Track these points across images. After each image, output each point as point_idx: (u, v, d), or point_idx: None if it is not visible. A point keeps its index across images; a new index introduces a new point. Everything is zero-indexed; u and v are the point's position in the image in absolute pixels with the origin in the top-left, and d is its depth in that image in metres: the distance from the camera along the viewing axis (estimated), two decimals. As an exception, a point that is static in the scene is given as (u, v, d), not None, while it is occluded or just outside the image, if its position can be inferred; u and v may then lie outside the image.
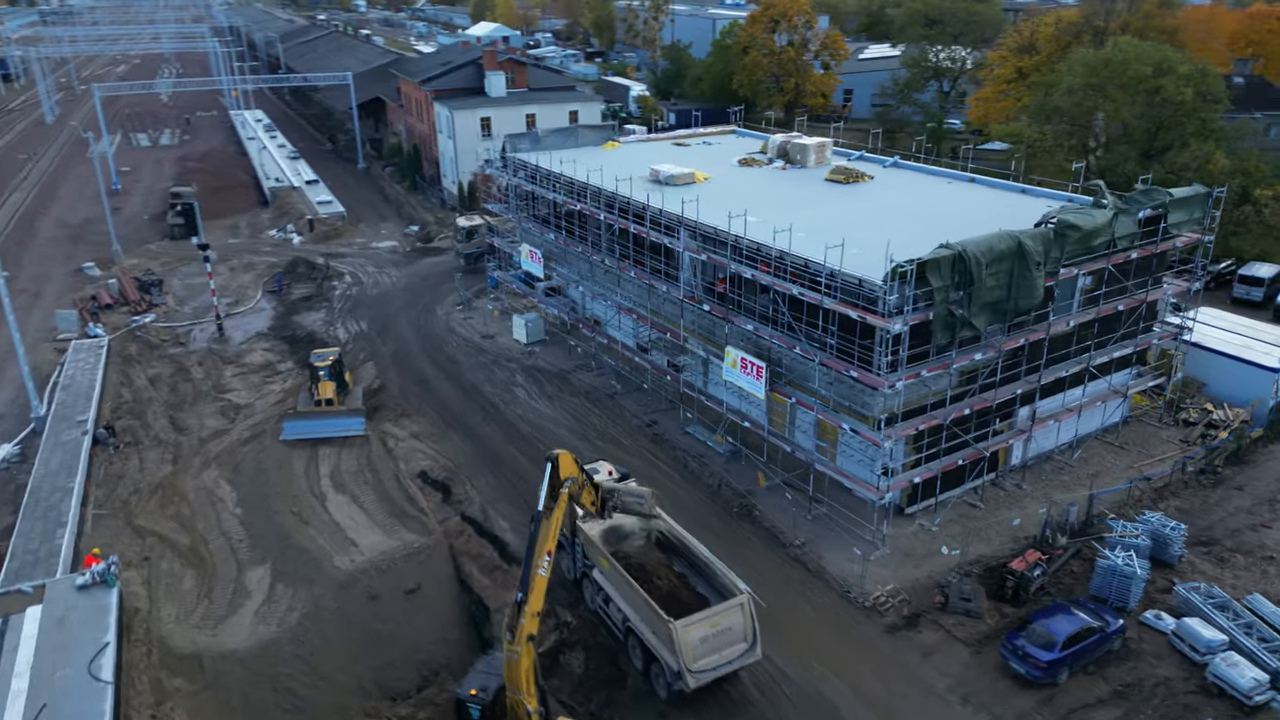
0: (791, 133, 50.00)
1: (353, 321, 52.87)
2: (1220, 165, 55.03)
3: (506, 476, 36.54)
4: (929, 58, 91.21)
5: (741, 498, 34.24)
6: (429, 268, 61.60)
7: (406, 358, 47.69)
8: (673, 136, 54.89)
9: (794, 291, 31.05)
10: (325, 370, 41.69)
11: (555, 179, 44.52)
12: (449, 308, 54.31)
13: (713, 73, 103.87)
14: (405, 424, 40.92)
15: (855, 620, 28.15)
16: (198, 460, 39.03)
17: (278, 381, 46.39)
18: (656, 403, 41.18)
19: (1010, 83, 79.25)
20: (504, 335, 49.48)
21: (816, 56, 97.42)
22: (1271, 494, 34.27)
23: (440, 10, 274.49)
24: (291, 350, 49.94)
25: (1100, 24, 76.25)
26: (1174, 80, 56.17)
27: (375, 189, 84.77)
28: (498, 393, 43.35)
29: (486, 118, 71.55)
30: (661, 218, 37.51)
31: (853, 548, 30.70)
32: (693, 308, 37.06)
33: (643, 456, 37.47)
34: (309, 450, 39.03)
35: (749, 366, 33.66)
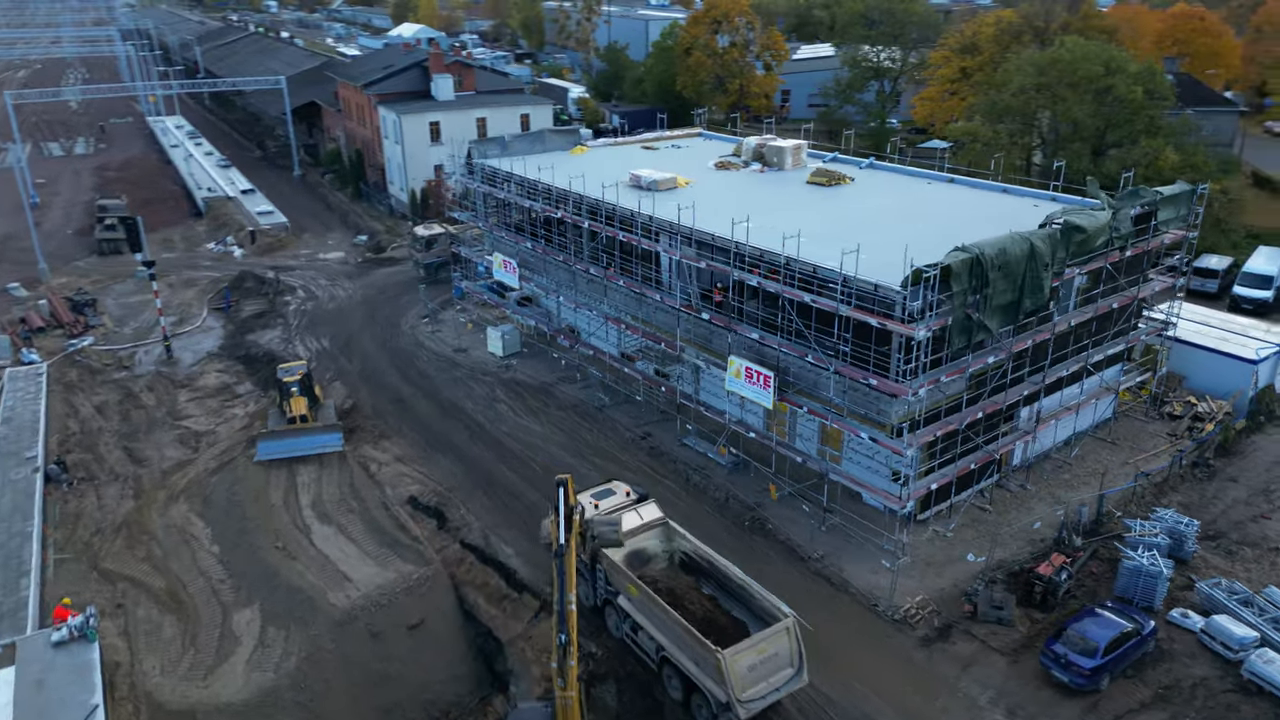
0: (766, 135, 49.41)
1: (312, 338, 50.36)
2: (1170, 161, 56.43)
3: (502, 498, 34.96)
4: (870, 58, 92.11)
5: (751, 510, 33.37)
6: (385, 279, 59.24)
7: (377, 375, 45.54)
8: (639, 140, 53.83)
9: (806, 299, 30.28)
10: (295, 385, 39.62)
11: (532, 186, 42.99)
12: (413, 320, 52.21)
13: (654, 74, 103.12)
14: (386, 446, 38.92)
15: (887, 634, 27.51)
16: (162, 494, 36.42)
17: (239, 405, 43.78)
18: (647, 414, 40.06)
19: (954, 82, 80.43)
20: (477, 348, 47.69)
21: (758, 57, 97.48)
22: (1264, 484, 34.92)
23: (358, 11, 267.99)
24: (249, 371, 47.31)
25: (1040, 24, 77.92)
26: (1124, 79, 57.54)
27: (315, 197, 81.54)
28: (480, 409, 41.63)
29: (435, 122, 69.30)
30: (653, 224, 36.44)
31: (877, 559, 30.13)
32: (689, 316, 36.04)
33: (642, 472, 36.29)
34: (286, 479, 36.77)
35: (755, 376, 32.78)
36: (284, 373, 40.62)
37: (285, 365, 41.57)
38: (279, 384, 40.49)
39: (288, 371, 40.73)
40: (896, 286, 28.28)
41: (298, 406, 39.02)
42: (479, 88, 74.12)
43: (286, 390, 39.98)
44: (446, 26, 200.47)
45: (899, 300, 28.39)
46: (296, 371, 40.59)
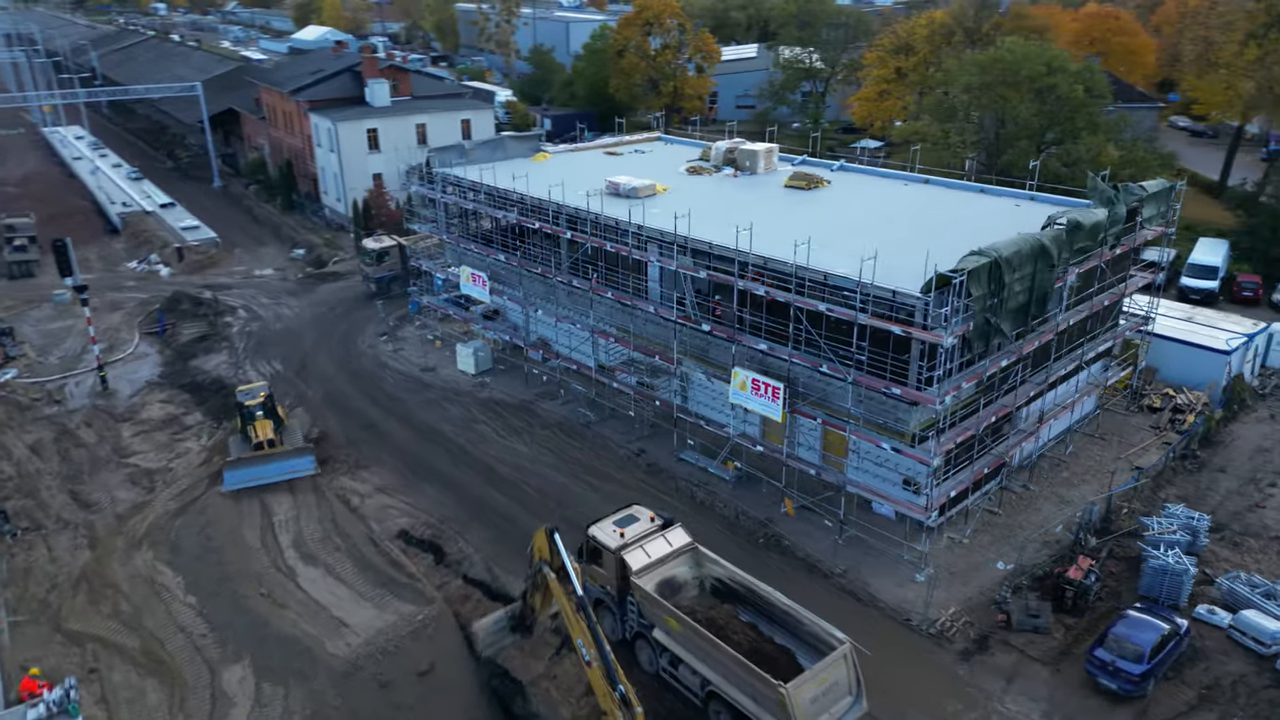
0: (735, 139, 48.60)
1: (263, 362, 47.32)
2: (1111, 157, 57.93)
3: (501, 527, 33.14)
4: (802, 60, 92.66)
5: (763, 526, 32.41)
6: (332, 295, 56.30)
7: (341, 400, 42.97)
8: (600, 145, 52.37)
9: (821, 308, 29.45)
10: (258, 408, 37.11)
11: (504, 195, 41.17)
12: (371, 339, 49.62)
13: (586, 77, 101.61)
14: (365, 477, 36.58)
15: (926, 650, 26.86)
16: (121, 541, 33.38)
17: (190, 438, 40.67)
18: (636, 429, 38.66)
19: (889, 82, 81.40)
20: (446, 367, 45.52)
21: (690, 59, 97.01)
22: (1251, 473, 35.72)
23: (256, 13, 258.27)
24: (197, 400, 44.09)
25: (971, 25, 79.47)
26: (1066, 78, 58.84)
27: (240, 210, 77.35)
28: (459, 432, 39.59)
29: (373, 129, 66.42)
30: (642, 234, 35.15)
31: (900, 570, 29.60)
32: (686, 328, 34.87)
33: (641, 490, 34.94)
34: (261, 517, 34.14)
35: (763, 388, 31.82)
36: (244, 396, 38.10)
37: (245, 388, 38.99)
38: (239, 408, 37.93)
39: (248, 394, 38.18)
40: (917, 292, 27.75)
41: (263, 430, 36.53)
42: (415, 92, 71.41)
43: (249, 414, 37.47)
44: (353, 28, 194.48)
45: (920, 306, 27.87)
46: (258, 394, 38.05)
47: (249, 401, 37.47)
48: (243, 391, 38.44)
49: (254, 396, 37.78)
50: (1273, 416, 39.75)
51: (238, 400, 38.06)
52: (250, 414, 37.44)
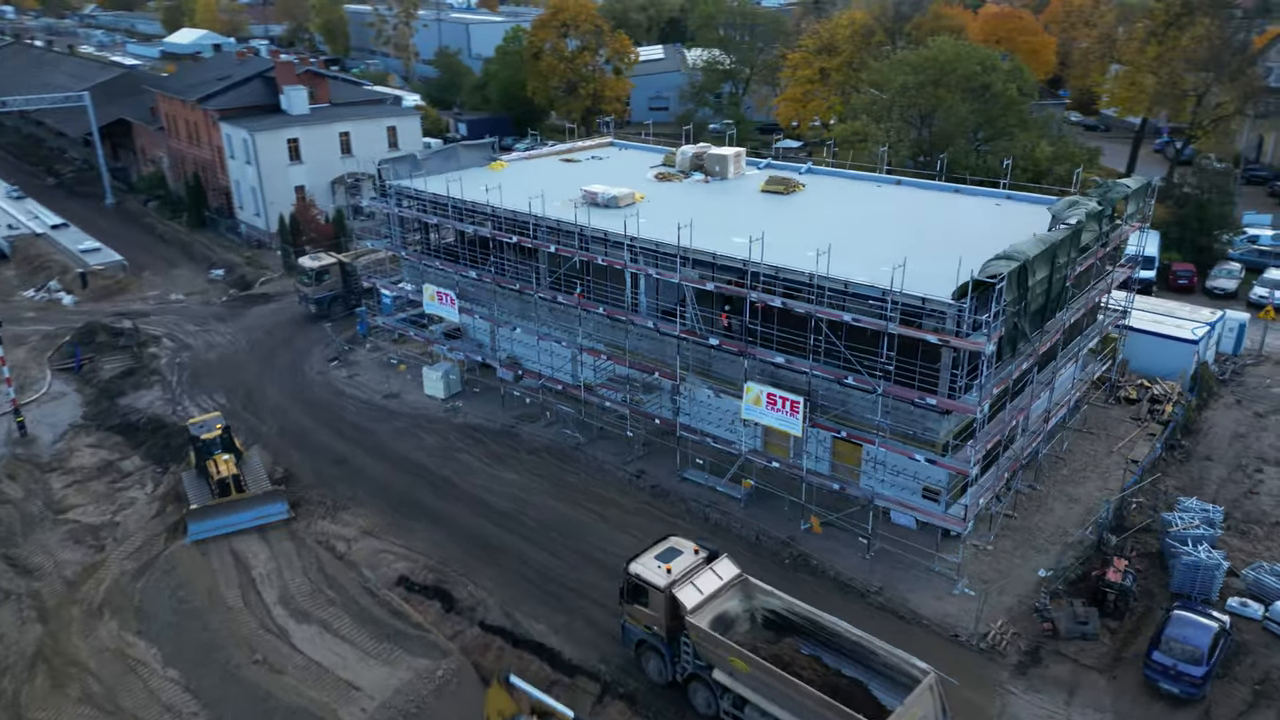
0: (701, 144, 47.40)
1: (204, 396, 43.40)
2: (1045, 153, 59.51)
3: (509, 565, 30.93)
4: (721, 62, 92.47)
5: (786, 545, 31.24)
6: (266, 319, 52.36)
7: (301, 434, 39.69)
8: (554, 153, 50.28)
9: (847, 319, 28.47)
10: (215, 442, 33.86)
11: (476, 209, 38.78)
12: (319, 365, 46.21)
13: (500, 79, 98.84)
14: (346, 519, 33.67)
15: (979, 666, 26.15)
16: (77, 611, 29.70)
17: (133, 486, 36.83)
18: (629, 449, 36.90)
19: (813, 83, 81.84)
20: (411, 392, 42.69)
21: (608, 61, 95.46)
22: (1235, 459, 36.67)
23: (119, 16, 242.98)
24: (132, 442, 40.07)
25: (890, 25, 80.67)
26: (1000, 76, 60.06)
27: (141, 229, 71.56)
28: (441, 463, 37.02)
29: (294, 139, 62.37)
30: (636, 246, 33.52)
31: (935, 583, 28.92)
32: (690, 343, 33.41)
33: (650, 515, 33.31)
34: (238, 573, 30.91)
35: (779, 402, 30.65)
36: (198, 429, 34.79)
37: (197, 421, 35.63)
38: (193, 443, 34.59)
39: (202, 428, 34.87)
40: (949, 298, 27.10)
41: (224, 467, 33.30)
42: (334, 99, 67.53)
43: (206, 449, 34.12)
44: (230, 31, 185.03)
45: (952, 313, 27.23)
46: (214, 427, 34.71)
47: (204, 435, 34.14)
48: (196, 425, 35.08)
49: (209, 430, 34.49)
50: (1239, 401, 41.08)
51: (191, 435, 34.66)
52: (207, 449, 34.11)
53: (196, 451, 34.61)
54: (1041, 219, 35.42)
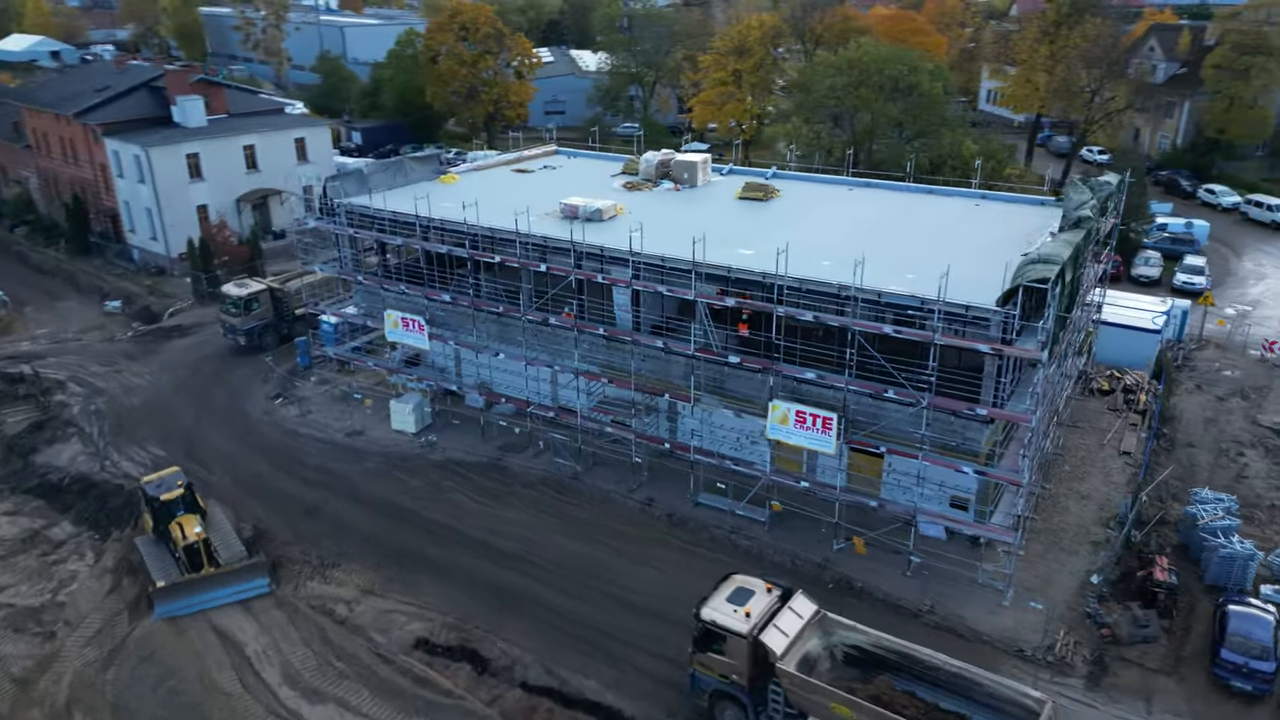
0: (663, 150, 45.68)
1: (135, 447, 38.60)
2: (971, 151, 60.80)
3: (537, 614, 28.42)
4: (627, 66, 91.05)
5: (823, 568, 29.98)
6: (186, 355, 47.34)
7: (261, 484, 35.72)
8: (503, 163, 47.41)
9: (888, 330, 27.43)
10: (178, 502, 29.93)
11: (447, 228, 35.87)
12: (262, 403, 41.99)
13: (395, 85, 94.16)
14: (339, 577, 30.29)
15: (1053, 681, 25.55)
16: (39, 715, 25.41)
17: (71, 559, 32.25)
18: (630, 474, 34.85)
19: (727, 85, 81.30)
20: (375, 427, 39.19)
21: (509, 65, 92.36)
22: (1216, 444, 37.82)
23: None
24: (58, 507, 35.29)
25: (799, 27, 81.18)
26: (926, 77, 61.04)
27: (11, 259, 63.91)
28: (429, 505, 33.98)
29: (194, 154, 56.99)
30: (640, 261, 31.58)
31: (981, 595, 28.31)
32: (705, 361, 31.73)
33: (670, 546, 31.46)
34: (225, 653, 27.23)
35: (811, 420, 29.35)
36: (155, 488, 30.62)
37: (153, 479, 31.35)
38: (150, 504, 30.37)
39: (161, 486, 30.73)
40: (992, 306, 26.50)
41: (190, 530, 29.37)
42: (231, 109, 62.19)
43: (167, 511, 30.02)
44: (67, 36, 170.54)
45: (996, 320, 26.63)
46: (175, 484, 30.62)
47: (165, 495, 29.99)
48: (152, 484, 30.80)
49: (169, 488, 30.35)
50: (1199, 386, 42.60)
51: (147, 495, 30.40)
52: (168, 511, 30.00)
53: (154, 513, 30.43)
54: (1019, 218, 35.97)
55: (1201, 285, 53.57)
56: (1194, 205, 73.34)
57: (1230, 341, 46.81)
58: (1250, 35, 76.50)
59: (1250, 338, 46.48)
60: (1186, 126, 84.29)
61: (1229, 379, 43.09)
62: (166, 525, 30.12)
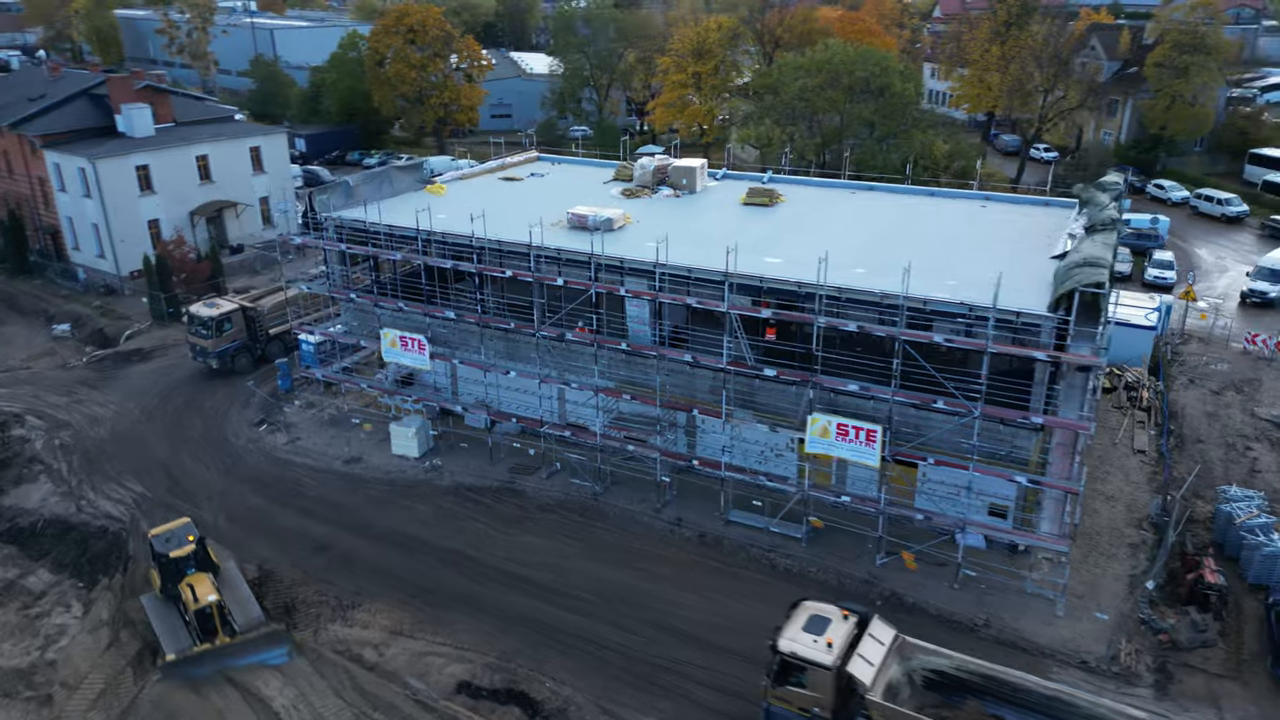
0: (657, 156, 44.43)
1: (112, 484, 35.78)
2: (941, 150, 61.26)
3: (583, 649, 26.91)
4: (583, 68, 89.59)
5: (870, 584, 29.14)
6: (152, 381, 44.30)
7: (259, 520, 33.35)
8: (487, 171, 45.56)
9: (938, 340, 26.74)
10: (189, 560, 27.51)
11: (450, 241, 34.07)
12: (245, 430, 39.42)
13: (338, 89, 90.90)
14: (362, 619, 28.28)
15: (1121, 692, 25.14)
16: (44, 793, 22.99)
17: (57, 610, 29.68)
18: (651, 491, 33.56)
19: (686, 87, 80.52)
20: (374, 453, 37.06)
21: (458, 68, 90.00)
22: (1222, 438, 38.21)
23: None
24: (31, 553, 32.58)
25: (758, 27, 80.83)
26: (898, 78, 61.13)
27: (-62, 280, 59.48)
28: (446, 535, 32.11)
29: (144, 166, 53.66)
30: (665, 273, 30.38)
31: (1034, 606, 27.82)
32: (735, 374, 30.64)
33: (708, 569, 30.24)
34: (251, 710, 25.15)
35: (852, 433, 28.53)
36: (164, 544, 28.01)
37: (161, 532, 28.64)
38: (159, 560, 27.81)
39: (170, 541, 28.13)
40: (1044, 311, 26.09)
41: (202, 590, 26.88)
42: (179, 117, 58.85)
43: (175, 568, 27.56)
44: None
45: (1047, 326, 26.20)
46: (185, 538, 28.09)
47: (175, 552, 27.46)
48: (160, 538, 28.17)
49: (179, 543, 27.80)
50: (1192, 381, 43.20)
51: (156, 551, 27.83)
52: (178, 569, 27.50)
53: (162, 570, 27.75)
54: (1028, 219, 35.98)
55: (1172, 279, 54.69)
56: (1144, 200, 75.15)
57: (1211, 335, 47.69)
58: (1189, 35, 78.90)
59: (1233, 331, 47.40)
60: (1130, 124, 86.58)
61: (1219, 373, 43.79)
62: (176, 585, 27.51)
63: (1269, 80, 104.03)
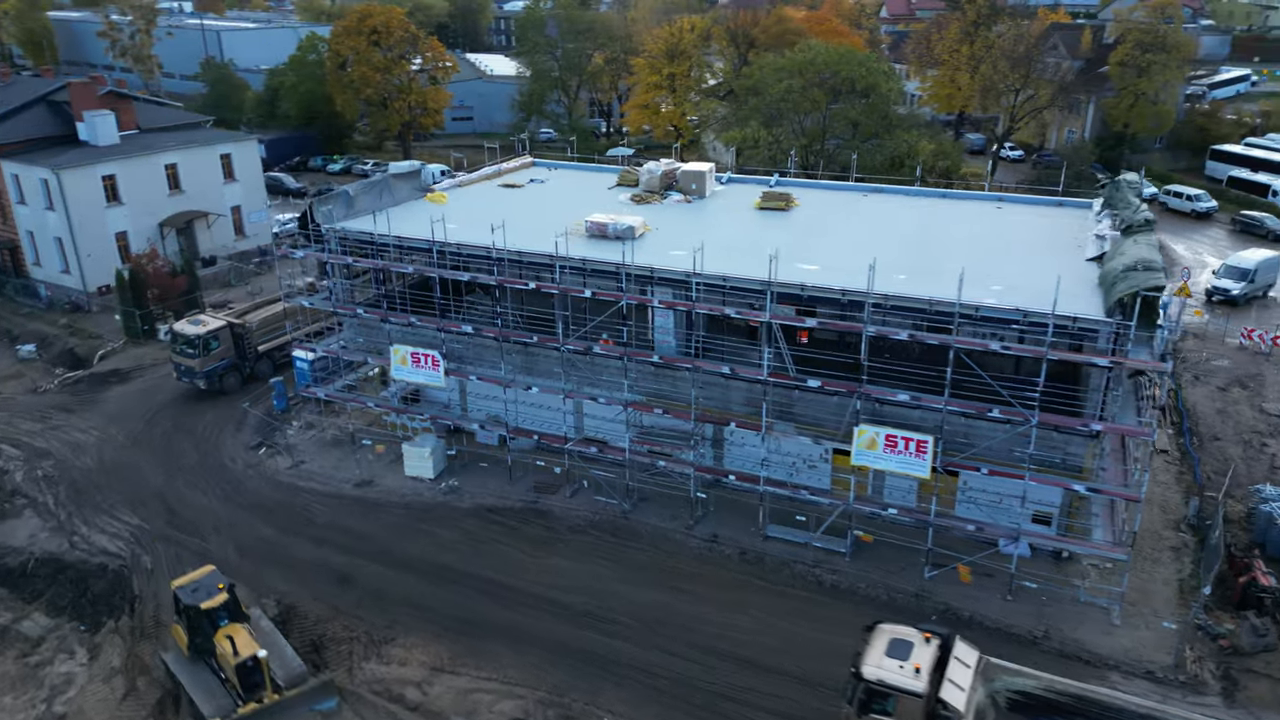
0: (664, 160, 43.32)
1: (105, 517, 33.51)
2: (925, 150, 61.15)
3: (639, 679, 25.69)
4: (551, 70, 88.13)
5: (921, 599, 28.43)
6: (134, 403, 41.86)
7: (271, 551, 31.45)
8: (482, 178, 43.92)
9: (995, 347, 26.11)
10: (220, 611, 25.42)
11: (465, 253, 32.57)
12: (242, 454, 37.36)
13: (298, 93, 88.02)
14: (399, 655, 26.67)
15: (1189, 701, 24.75)
16: None
17: (60, 658, 27.58)
18: (680, 507, 32.49)
19: (660, 89, 79.58)
20: (386, 475, 35.33)
21: (422, 71, 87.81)
22: (1238, 435, 38.33)
23: None
24: (23, 595, 30.35)
25: (731, 27, 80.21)
26: (884, 78, 60.93)
27: (-118, 299, 55.81)
28: (475, 561, 30.60)
29: (110, 176, 50.92)
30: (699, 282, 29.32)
31: (1096, 616, 27.40)
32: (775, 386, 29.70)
33: (753, 588, 29.24)
34: (292, 760, 23.40)
35: (903, 444, 27.78)
36: (191, 594, 25.30)
37: (185, 583, 25.89)
38: (187, 613, 25.26)
39: (198, 591, 25.39)
40: (1101, 316, 25.68)
41: (242, 643, 24.62)
42: (143, 124, 56.08)
43: (208, 621, 25.13)
44: None
45: (1105, 331, 25.79)
46: (214, 588, 25.54)
47: (207, 603, 25.00)
48: (186, 589, 25.47)
49: (208, 593, 25.25)
50: (1196, 378, 43.49)
51: (184, 604, 25.22)
52: (210, 621, 25.16)
53: (192, 624, 25.20)
54: (1047, 220, 35.83)
55: (1179, 277, 55.25)
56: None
57: (1207, 331, 48.19)
58: (1150, 34, 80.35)
59: (1227, 328, 47.92)
60: (1094, 122, 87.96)
61: (1222, 369, 44.20)
62: (208, 639, 25.06)
63: (1217, 77, 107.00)
